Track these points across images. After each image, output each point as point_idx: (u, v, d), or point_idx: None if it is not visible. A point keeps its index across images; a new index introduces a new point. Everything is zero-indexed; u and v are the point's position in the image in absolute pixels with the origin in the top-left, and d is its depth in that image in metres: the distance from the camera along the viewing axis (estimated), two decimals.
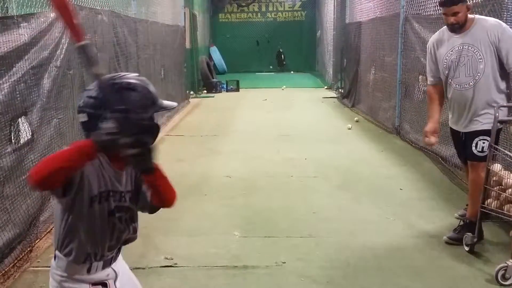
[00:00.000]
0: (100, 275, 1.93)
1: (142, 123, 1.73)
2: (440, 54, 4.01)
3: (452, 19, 3.82)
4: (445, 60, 3.96)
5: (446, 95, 4.10)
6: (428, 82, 4.26)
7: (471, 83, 3.85)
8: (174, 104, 1.93)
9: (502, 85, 3.86)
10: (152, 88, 1.86)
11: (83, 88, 1.86)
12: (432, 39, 4.15)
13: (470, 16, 3.87)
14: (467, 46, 3.85)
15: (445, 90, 4.09)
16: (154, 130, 1.81)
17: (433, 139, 4.18)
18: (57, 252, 1.90)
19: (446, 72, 3.97)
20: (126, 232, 1.96)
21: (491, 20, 3.95)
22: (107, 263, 1.96)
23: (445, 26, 3.98)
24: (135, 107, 1.73)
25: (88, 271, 1.90)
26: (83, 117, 1.78)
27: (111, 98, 1.70)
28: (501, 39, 3.73)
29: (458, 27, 3.85)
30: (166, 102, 1.90)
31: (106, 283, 1.95)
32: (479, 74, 3.82)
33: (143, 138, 1.67)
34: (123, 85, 1.79)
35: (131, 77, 1.86)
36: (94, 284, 1.92)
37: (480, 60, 3.80)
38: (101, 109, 1.72)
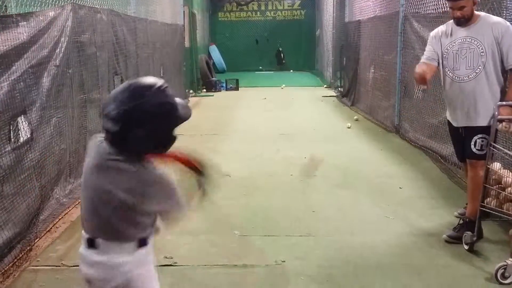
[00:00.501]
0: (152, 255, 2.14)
1: (168, 139, 1.95)
2: (443, 43, 4.03)
3: (458, 13, 3.86)
4: (446, 50, 3.99)
5: (443, 87, 4.10)
6: (421, 60, 4.17)
7: (471, 76, 3.87)
8: (190, 112, 2.02)
9: (502, 82, 3.87)
10: (174, 97, 1.93)
11: (114, 93, 1.89)
12: (437, 29, 4.18)
13: (475, 12, 3.91)
14: (469, 39, 3.88)
15: (443, 82, 4.09)
16: (174, 142, 1.99)
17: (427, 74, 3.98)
18: (134, 246, 1.99)
19: (445, 62, 3.99)
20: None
21: (496, 17, 4.01)
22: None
23: (451, 20, 4.01)
24: (165, 126, 1.91)
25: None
26: (113, 126, 1.84)
27: (145, 118, 1.84)
28: (504, 35, 3.77)
29: (463, 21, 3.89)
30: (183, 112, 1.96)
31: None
32: (480, 68, 3.83)
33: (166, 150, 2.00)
34: (157, 103, 1.86)
35: (161, 90, 1.89)
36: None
37: (482, 54, 3.82)
38: (133, 125, 1.83)
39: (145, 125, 1.84)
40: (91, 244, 1.96)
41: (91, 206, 1.95)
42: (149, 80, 1.91)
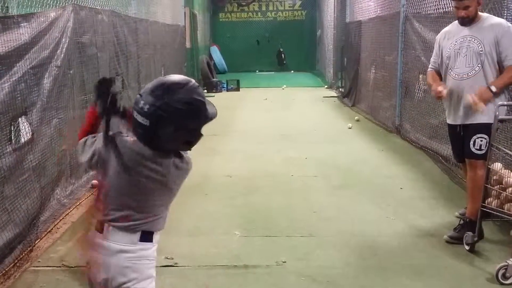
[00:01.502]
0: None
1: (196, 137, 1.97)
2: (445, 44, 4.10)
3: (463, 13, 3.91)
4: (448, 50, 4.04)
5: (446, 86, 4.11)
6: (429, 68, 4.34)
7: (469, 74, 3.90)
8: (215, 111, 2.01)
9: None
10: (206, 100, 1.96)
11: (148, 88, 1.88)
12: (443, 31, 4.27)
13: (479, 13, 3.94)
14: (470, 38, 3.92)
15: (444, 80, 4.11)
16: (199, 139, 2.02)
17: (443, 89, 4.04)
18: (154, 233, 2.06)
19: (447, 62, 4.05)
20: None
21: (498, 18, 4.07)
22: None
23: (456, 20, 4.06)
24: (195, 125, 1.93)
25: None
26: (144, 121, 1.86)
27: (176, 116, 1.86)
28: (503, 36, 3.81)
29: (468, 21, 3.93)
30: (211, 111, 1.98)
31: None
32: (479, 66, 3.87)
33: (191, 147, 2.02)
34: (188, 101, 1.88)
35: (193, 89, 1.92)
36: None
37: (481, 52, 3.86)
38: (164, 122, 1.86)
39: (176, 122, 1.87)
40: (99, 228, 2.01)
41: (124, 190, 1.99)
42: (181, 77, 1.95)
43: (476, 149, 3.87)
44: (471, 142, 3.89)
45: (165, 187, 2.00)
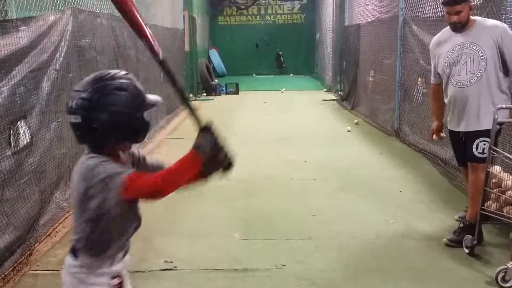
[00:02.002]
0: (118, 266, 1.98)
1: (137, 123, 1.85)
2: (442, 53, 4.06)
3: (455, 18, 3.88)
4: (447, 59, 4.00)
5: (445, 94, 4.11)
6: (431, 82, 4.33)
7: (472, 80, 3.88)
8: (158, 98, 1.94)
9: (504, 85, 3.89)
10: (140, 86, 1.89)
11: (73, 89, 1.86)
12: (434, 39, 4.22)
13: (471, 17, 3.92)
14: (468, 44, 3.89)
15: (444, 90, 4.11)
16: (147, 128, 1.91)
17: (441, 135, 4.35)
18: (81, 252, 1.92)
19: (448, 70, 4.01)
20: (141, 216, 2.03)
21: (492, 20, 4.03)
22: (125, 253, 2.03)
23: (447, 26, 4.02)
24: (128, 108, 1.81)
25: (111, 263, 1.95)
26: (75, 119, 1.80)
27: (105, 100, 1.77)
28: (503, 37, 3.80)
29: (460, 26, 3.91)
30: (151, 98, 1.91)
31: (120, 275, 2.00)
32: (480, 71, 3.85)
33: (140, 137, 1.88)
34: (116, 86, 1.81)
35: (121, 76, 1.86)
36: (113, 276, 1.97)
37: (482, 58, 3.84)
38: (95, 111, 1.77)
39: (107, 108, 1.77)
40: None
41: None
42: (110, 70, 1.89)
43: (479, 153, 3.86)
44: (474, 146, 3.89)
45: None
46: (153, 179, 1.79)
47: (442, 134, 4.38)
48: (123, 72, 1.89)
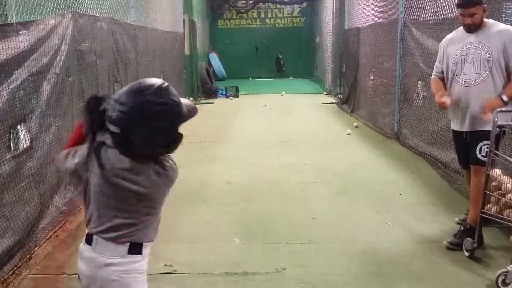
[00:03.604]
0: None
1: (172, 137, 1.88)
2: (451, 51, 4.10)
3: (468, 20, 3.92)
4: (455, 57, 4.04)
5: (451, 92, 4.11)
6: (433, 74, 4.34)
7: (477, 80, 3.90)
8: (194, 109, 1.98)
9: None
10: (177, 97, 1.89)
11: (113, 97, 1.85)
12: (447, 37, 4.27)
13: (485, 19, 3.96)
14: (477, 44, 3.93)
15: (449, 89, 4.11)
16: (180, 140, 1.92)
17: (447, 100, 4.07)
18: (145, 245, 2.00)
19: (454, 68, 4.03)
20: None
21: (504, 25, 4.07)
22: None
23: (461, 26, 4.07)
24: (166, 124, 1.85)
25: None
26: (115, 129, 1.82)
27: (144, 116, 1.80)
28: (511, 41, 3.82)
29: (474, 28, 3.95)
30: (189, 109, 1.94)
31: None
32: (486, 72, 3.87)
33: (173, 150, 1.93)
34: (155, 102, 1.82)
35: (161, 90, 1.85)
36: None
37: (488, 59, 3.86)
38: (133, 126, 1.80)
39: (147, 124, 1.80)
40: (88, 240, 1.98)
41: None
42: (150, 80, 1.89)
43: (482, 156, 3.87)
44: (477, 149, 3.89)
45: (147, 197, 1.94)
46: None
47: (448, 100, 4.06)
48: (163, 85, 1.88)
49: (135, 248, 1.97)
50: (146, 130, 1.81)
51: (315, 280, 3.57)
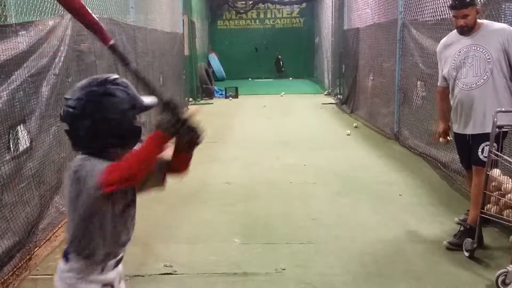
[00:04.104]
0: (110, 275, 1.95)
1: (124, 129, 1.81)
2: (448, 56, 4.08)
3: (461, 22, 3.90)
4: (453, 62, 4.02)
5: (452, 97, 4.11)
6: (438, 84, 4.34)
7: (478, 83, 3.89)
8: (154, 100, 1.86)
9: (511, 88, 3.89)
10: (131, 89, 1.87)
11: (64, 96, 1.84)
12: (441, 42, 4.24)
13: (478, 20, 3.94)
14: (475, 47, 3.91)
15: (451, 93, 4.11)
16: (137, 133, 1.87)
17: (446, 139, 4.31)
18: (72, 255, 1.91)
19: (454, 73, 4.02)
20: (133, 227, 1.99)
21: (499, 24, 4.07)
22: (118, 262, 1.98)
23: (454, 30, 4.05)
24: (114, 114, 1.79)
25: (102, 270, 1.92)
26: (66, 126, 1.82)
27: (89, 108, 1.78)
28: (510, 40, 3.81)
29: (467, 30, 3.92)
30: (146, 100, 1.88)
31: (113, 285, 1.97)
32: (487, 74, 3.86)
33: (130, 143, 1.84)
34: (100, 92, 1.81)
35: (109, 81, 1.85)
36: (104, 285, 1.93)
37: (488, 60, 3.85)
38: (79, 119, 1.78)
39: (92, 116, 1.77)
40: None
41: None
42: (100, 75, 1.88)
43: (485, 157, 3.86)
44: (480, 150, 3.89)
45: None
46: (125, 164, 1.75)
47: (449, 138, 4.33)
48: (113, 77, 1.87)
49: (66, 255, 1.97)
50: (90, 122, 1.77)
51: (314, 280, 3.57)
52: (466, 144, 4.07)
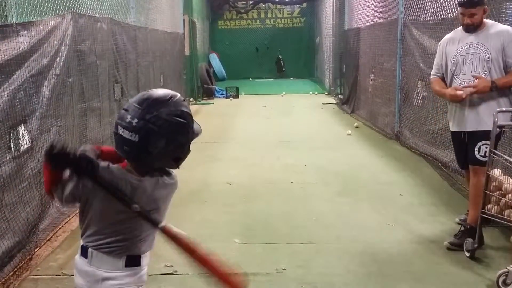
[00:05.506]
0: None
1: (185, 153, 1.88)
2: (450, 51, 4.09)
3: (468, 20, 3.92)
4: (454, 57, 4.04)
5: None
6: (432, 75, 4.33)
7: (476, 80, 3.88)
8: (200, 128, 1.92)
9: (507, 89, 3.90)
10: (193, 123, 1.89)
11: (133, 103, 1.80)
12: (446, 37, 4.26)
13: (484, 20, 3.96)
14: (476, 44, 3.93)
15: (449, 87, 4.11)
16: (186, 157, 1.91)
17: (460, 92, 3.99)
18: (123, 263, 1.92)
19: (453, 68, 4.03)
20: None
21: (504, 25, 4.08)
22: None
23: (460, 27, 4.07)
24: (186, 138, 1.84)
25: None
26: (132, 137, 1.75)
27: (169, 128, 1.77)
28: (510, 41, 3.83)
29: (472, 28, 3.95)
30: (195, 127, 1.90)
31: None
32: (485, 72, 3.88)
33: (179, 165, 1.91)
34: (178, 114, 1.80)
35: (182, 102, 1.84)
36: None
37: (487, 59, 3.87)
38: (156, 136, 1.76)
39: (167, 136, 1.77)
40: (83, 252, 1.92)
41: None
42: (166, 91, 1.86)
43: (481, 156, 3.86)
44: (476, 149, 3.89)
45: (156, 210, 1.93)
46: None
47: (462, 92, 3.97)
48: (179, 97, 1.86)
49: (133, 261, 1.93)
50: (165, 142, 1.77)
51: (315, 280, 3.57)
52: (462, 143, 4.08)
